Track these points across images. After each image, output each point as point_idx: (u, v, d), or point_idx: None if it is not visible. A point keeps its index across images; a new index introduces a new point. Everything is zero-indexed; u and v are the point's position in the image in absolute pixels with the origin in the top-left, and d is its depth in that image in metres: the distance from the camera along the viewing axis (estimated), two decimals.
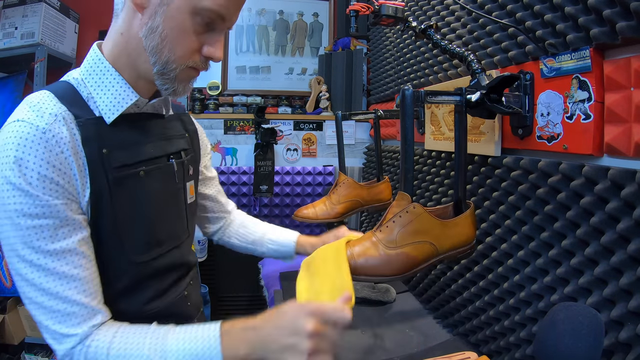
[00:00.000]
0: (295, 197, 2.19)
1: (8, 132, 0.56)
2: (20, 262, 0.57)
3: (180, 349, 0.57)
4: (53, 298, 0.57)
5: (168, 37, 0.59)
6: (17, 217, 0.55)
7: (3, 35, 1.93)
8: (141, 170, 0.67)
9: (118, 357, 0.57)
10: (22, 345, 2.07)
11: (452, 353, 0.93)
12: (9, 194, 0.55)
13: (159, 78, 0.62)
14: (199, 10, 0.58)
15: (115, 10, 0.65)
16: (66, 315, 0.58)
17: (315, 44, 2.44)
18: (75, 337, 0.58)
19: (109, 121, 0.63)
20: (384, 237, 0.75)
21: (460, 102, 0.81)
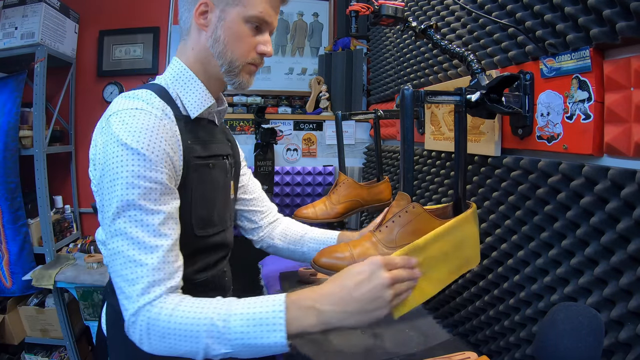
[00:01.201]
0: (295, 197, 2.19)
1: (129, 117, 0.67)
2: (125, 218, 0.64)
3: (244, 313, 0.61)
4: (149, 252, 0.64)
5: (229, 43, 0.76)
6: (134, 178, 0.64)
7: (3, 35, 1.93)
8: (210, 163, 0.81)
9: (182, 317, 0.62)
10: (22, 345, 2.07)
11: (452, 353, 0.93)
12: (130, 158, 0.64)
13: (227, 75, 0.78)
14: (249, 18, 0.75)
15: (182, 34, 0.81)
16: (152, 270, 0.64)
17: (315, 44, 2.45)
18: (150, 295, 0.63)
19: (193, 117, 0.78)
20: (383, 237, 0.75)
21: (460, 102, 0.81)
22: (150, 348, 0.64)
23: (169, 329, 0.62)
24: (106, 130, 0.67)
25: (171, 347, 0.62)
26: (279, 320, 0.60)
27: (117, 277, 0.65)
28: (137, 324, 0.63)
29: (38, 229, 2.01)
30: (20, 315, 2.03)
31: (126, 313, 0.64)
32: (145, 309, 0.63)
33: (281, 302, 0.61)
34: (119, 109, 0.68)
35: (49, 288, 1.84)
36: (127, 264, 0.63)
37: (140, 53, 2.34)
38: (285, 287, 1.38)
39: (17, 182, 1.95)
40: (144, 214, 0.64)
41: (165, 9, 2.35)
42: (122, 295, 0.65)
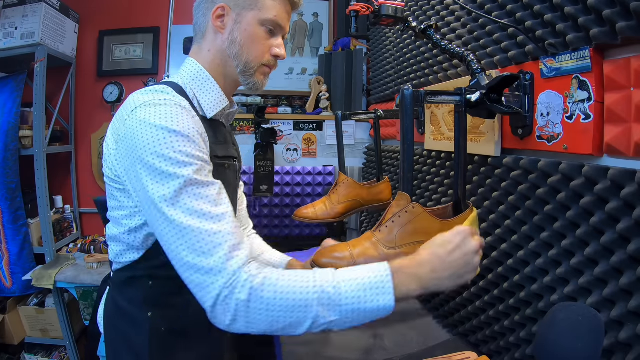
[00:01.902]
0: (295, 197, 2.19)
1: (159, 106, 0.67)
2: (185, 195, 0.63)
3: (352, 279, 0.62)
4: (218, 220, 0.63)
5: (245, 45, 0.79)
6: (185, 156, 0.65)
7: (3, 35, 1.93)
8: (226, 163, 0.83)
9: (290, 285, 0.61)
10: (22, 345, 2.07)
11: (452, 353, 0.93)
12: (175, 139, 0.65)
13: (242, 75, 0.81)
14: (264, 21, 0.79)
15: (196, 37, 0.84)
16: (229, 235, 0.63)
17: (315, 44, 2.44)
18: (237, 260, 0.62)
19: (209, 117, 0.80)
20: (383, 237, 0.75)
21: (460, 102, 0.81)
22: (248, 323, 0.61)
23: (276, 299, 0.60)
24: (133, 122, 0.66)
25: (274, 320, 0.60)
26: (387, 284, 0.61)
27: (191, 256, 0.61)
28: (234, 296, 0.60)
29: (38, 229, 2.01)
30: (20, 315, 2.03)
31: (213, 288, 0.60)
32: (243, 278, 0.60)
33: (387, 268, 0.63)
34: (144, 101, 0.68)
35: (49, 288, 1.84)
36: (200, 237, 0.61)
37: (140, 53, 2.34)
38: None
39: (17, 182, 1.95)
40: (202, 188, 0.65)
41: (165, 9, 2.35)
42: (200, 273, 0.61)
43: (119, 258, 0.78)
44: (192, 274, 0.62)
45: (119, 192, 0.74)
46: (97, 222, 2.38)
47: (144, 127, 0.65)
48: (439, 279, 0.64)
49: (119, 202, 0.74)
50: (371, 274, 0.62)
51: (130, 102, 0.70)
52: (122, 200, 0.74)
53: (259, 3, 0.78)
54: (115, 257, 0.78)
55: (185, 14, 2.34)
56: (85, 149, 2.36)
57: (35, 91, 1.93)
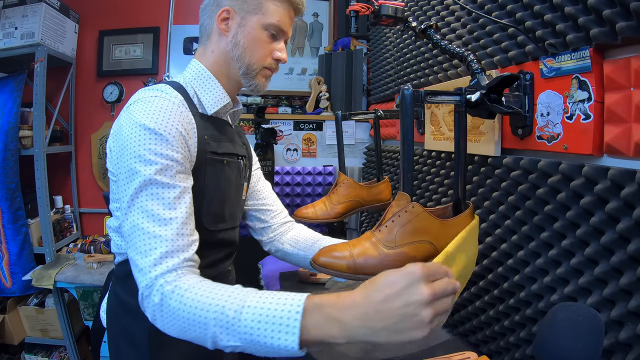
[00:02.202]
0: (295, 197, 2.19)
1: (147, 102, 0.71)
2: (143, 194, 0.67)
3: (257, 307, 0.57)
4: (163, 225, 0.66)
5: (248, 47, 0.82)
6: (152, 155, 0.68)
7: (3, 35, 1.93)
8: (225, 160, 0.85)
9: (193, 299, 0.60)
10: (22, 345, 2.07)
11: (452, 353, 0.93)
12: (147, 137, 0.68)
13: (244, 77, 0.84)
14: (267, 25, 0.82)
15: (201, 39, 0.87)
16: (166, 242, 0.65)
17: (315, 44, 2.45)
18: (162, 266, 0.64)
19: (209, 113, 0.83)
20: (383, 237, 0.75)
21: (460, 102, 0.81)
22: (162, 326, 0.63)
23: (179, 309, 0.60)
24: (124, 118, 0.71)
25: (181, 330, 0.61)
26: (293, 322, 0.54)
27: (133, 252, 0.66)
28: (151, 298, 0.63)
29: (38, 229, 2.01)
30: (20, 315, 2.03)
31: (140, 286, 0.65)
32: (159, 284, 0.63)
33: (300, 302, 0.55)
34: (138, 98, 0.73)
35: (49, 288, 1.84)
36: (143, 237, 0.65)
37: (140, 53, 2.34)
38: (286, 287, 1.38)
39: (17, 182, 1.95)
40: (161, 188, 0.67)
41: (165, 9, 2.35)
42: (136, 269, 0.66)
43: (120, 249, 0.81)
44: (133, 268, 0.67)
45: (115, 184, 0.77)
46: (97, 222, 2.38)
47: (128, 123, 0.70)
48: (370, 329, 0.52)
49: (116, 194, 0.77)
50: (279, 307, 0.55)
51: (132, 97, 0.75)
52: (117, 193, 0.75)
53: (263, 7, 0.81)
54: (117, 248, 0.82)
55: (185, 14, 2.35)
56: (85, 149, 2.36)
57: (35, 91, 1.93)
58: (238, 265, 1.33)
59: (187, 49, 2.34)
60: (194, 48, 2.33)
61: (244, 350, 0.58)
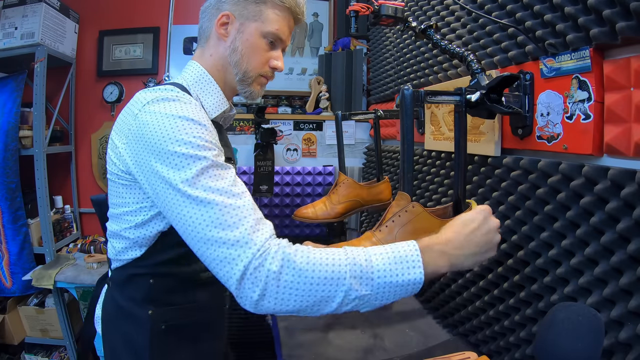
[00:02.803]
0: (295, 197, 2.19)
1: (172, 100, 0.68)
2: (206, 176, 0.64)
3: (383, 253, 0.62)
4: (239, 197, 0.63)
5: (245, 54, 0.82)
6: (205, 142, 0.66)
7: (3, 35, 1.93)
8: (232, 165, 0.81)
9: (322, 257, 0.60)
10: (22, 345, 2.07)
11: (452, 353, 0.93)
12: (195, 127, 0.66)
13: (240, 84, 0.84)
14: (265, 33, 0.82)
15: (200, 41, 0.86)
16: (253, 209, 0.64)
17: (315, 44, 2.45)
18: (263, 232, 0.62)
19: (211, 118, 0.80)
20: (383, 237, 0.75)
21: (460, 102, 0.81)
22: (274, 300, 0.59)
23: (309, 270, 0.59)
24: (146, 116, 0.67)
25: (305, 294, 0.59)
26: (417, 258, 0.62)
27: (213, 230, 0.60)
28: (264, 268, 0.58)
29: (38, 229, 2.01)
30: (20, 315, 2.03)
31: (239, 262, 0.59)
32: (273, 249, 0.60)
33: (415, 244, 0.64)
34: (153, 98, 0.69)
35: (49, 288, 1.84)
36: (224, 210, 0.61)
37: (140, 53, 2.34)
38: None
39: (17, 182, 1.95)
40: (221, 170, 0.66)
41: (165, 9, 2.35)
42: (223, 247, 0.60)
43: (120, 255, 0.78)
44: (217, 248, 0.60)
45: (124, 187, 0.73)
46: (97, 222, 2.37)
47: (161, 118, 0.66)
48: (464, 256, 0.66)
49: (123, 198, 0.74)
50: (401, 249, 0.63)
51: (139, 98, 0.71)
52: (126, 196, 0.74)
53: (263, 15, 0.81)
54: (116, 254, 0.79)
55: (185, 14, 2.35)
56: (85, 149, 2.36)
57: (35, 91, 1.93)
58: None
59: (187, 49, 2.34)
60: (193, 48, 2.32)
61: (367, 302, 0.61)
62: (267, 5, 0.81)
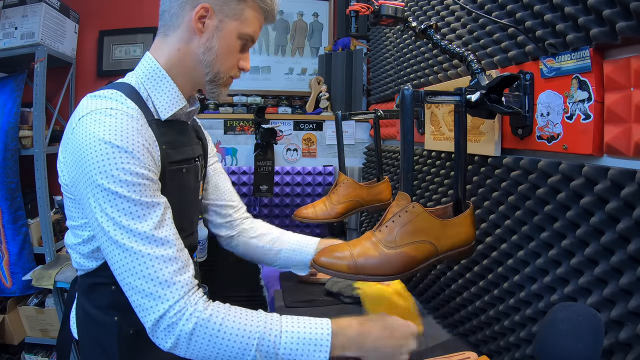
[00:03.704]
0: (295, 197, 2.19)
1: (105, 116, 0.65)
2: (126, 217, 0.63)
3: (294, 332, 0.67)
4: (160, 245, 0.64)
5: (220, 55, 0.77)
6: (127, 175, 0.63)
7: (3, 35, 1.93)
8: (184, 168, 0.81)
9: (235, 324, 0.65)
10: (22, 345, 2.07)
11: (452, 353, 0.93)
12: (119, 156, 0.63)
13: (209, 84, 0.79)
14: (242, 35, 0.78)
15: (164, 29, 0.78)
16: (170, 260, 0.64)
17: (315, 44, 2.45)
18: (183, 283, 0.64)
19: (163, 119, 0.76)
20: (383, 237, 0.75)
21: (460, 102, 0.81)
22: (186, 351, 0.64)
23: (219, 337, 0.63)
24: (79, 132, 0.64)
25: (216, 354, 0.64)
26: (325, 342, 0.66)
27: (130, 277, 0.63)
28: (177, 327, 0.62)
29: (38, 229, 2.01)
30: (20, 315, 2.03)
31: (154, 315, 0.63)
32: (189, 312, 0.63)
33: (328, 326, 0.68)
34: (91, 109, 0.66)
35: (49, 288, 1.84)
36: (142, 260, 0.63)
37: (140, 53, 2.34)
38: (286, 286, 1.38)
39: (17, 182, 1.95)
40: (146, 209, 0.65)
41: None
42: (139, 296, 0.63)
43: (80, 265, 0.77)
44: (134, 294, 0.64)
45: (70, 201, 0.73)
46: None
47: (90, 140, 0.63)
48: (376, 352, 0.71)
49: (70, 212, 0.74)
50: (313, 330, 0.67)
51: (80, 107, 0.69)
52: (72, 210, 0.73)
53: (244, 15, 0.77)
54: (76, 264, 0.78)
55: None
56: None
57: (35, 91, 1.93)
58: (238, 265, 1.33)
59: None
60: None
61: None
62: (247, 4, 0.77)
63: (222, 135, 2.15)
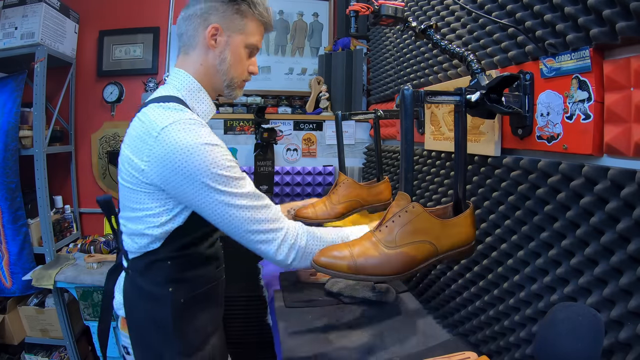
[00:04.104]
0: (295, 197, 2.19)
1: (190, 125, 0.80)
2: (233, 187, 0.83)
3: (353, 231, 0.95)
4: (261, 199, 0.86)
5: (232, 64, 0.93)
6: (227, 161, 0.82)
7: (3, 35, 1.93)
8: None
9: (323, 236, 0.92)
10: (22, 345, 2.07)
11: (452, 353, 0.93)
12: (217, 150, 0.81)
13: (227, 88, 0.96)
14: (248, 44, 0.95)
15: (184, 47, 0.94)
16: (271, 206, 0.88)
17: (315, 44, 2.45)
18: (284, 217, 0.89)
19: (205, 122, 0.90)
20: (383, 237, 0.75)
21: (460, 102, 0.81)
22: (299, 262, 0.88)
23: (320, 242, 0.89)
24: (169, 139, 0.79)
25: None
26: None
27: (255, 224, 0.84)
28: (297, 244, 0.87)
29: (38, 229, 2.01)
30: (20, 315, 2.03)
31: (277, 241, 0.85)
32: (300, 233, 0.88)
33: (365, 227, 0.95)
34: (173, 120, 0.80)
35: (49, 288, 1.84)
36: (261, 210, 0.85)
37: (140, 53, 2.34)
38: (285, 287, 1.38)
39: (17, 182, 1.95)
40: (243, 180, 0.85)
41: (165, 9, 2.35)
42: (264, 234, 0.85)
43: (142, 249, 0.89)
44: (255, 236, 0.85)
45: (146, 195, 0.84)
46: (97, 222, 2.38)
47: (189, 146, 0.78)
48: None
49: (144, 204, 0.85)
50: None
51: (156, 117, 0.81)
52: (148, 202, 0.85)
53: (247, 28, 0.93)
54: (138, 249, 0.89)
55: None
56: (85, 149, 2.36)
57: (35, 91, 1.93)
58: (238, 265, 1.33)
59: None
60: None
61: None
62: (249, 19, 0.92)
63: (222, 135, 2.15)
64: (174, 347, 0.90)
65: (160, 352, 0.91)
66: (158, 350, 0.91)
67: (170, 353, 0.90)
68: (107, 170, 2.34)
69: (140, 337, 0.93)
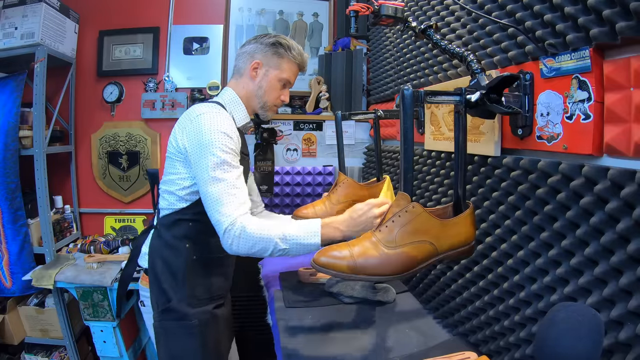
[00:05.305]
0: (295, 197, 2.19)
1: (216, 114, 1.08)
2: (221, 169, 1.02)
3: (297, 226, 1.01)
4: (234, 188, 1.02)
5: (267, 92, 1.21)
6: (227, 148, 1.04)
7: (3, 35, 1.93)
8: (246, 157, 1.22)
9: (263, 227, 0.99)
10: (22, 345, 2.07)
11: (452, 353, 0.93)
12: (225, 137, 1.05)
13: (261, 109, 1.24)
14: (281, 79, 1.21)
15: (235, 74, 1.24)
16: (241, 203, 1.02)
17: (315, 44, 2.44)
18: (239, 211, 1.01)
19: (237, 126, 1.18)
20: (383, 237, 0.75)
21: (460, 102, 0.81)
22: (237, 248, 0.99)
23: (253, 235, 0.98)
24: (201, 123, 1.05)
25: (252, 246, 0.98)
26: (317, 231, 1.00)
27: (215, 203, 1.00)
28: (232, 231, 0.98)
29: (38, 229, 2.01)
30: (20, 315, 2.02)
31: (223, 225, 0.99)
32: (239, 222, 0.98)
33: (319, 222, 1.01)
34: (206, 111, 1.08)
35: (49, 288, 1.84)
36: (223, 193, 1.01)
37: (140, 53, 2.34)
38: (285, 286, 1.38)
39: (17, 182, 1.95)
40: (231, 168, 1.04)
41: (165, 9, 2.34)
42: (217, 214, 1.00)
43: (171, 206, 1.14)
44: (215, 215, 1.01)
45: (179, 162, 1.11)
46: (97, 222, 2.38)
47: (211, 129, 1.04)
48: (352, 232, 1.00)
49: (177, 169, 1.11)
50: (309, 224, 1.01)
51: (196, 108, 1.11)
52: (180, 168, 1.11)
53: (282, 66, 1.19)
54: (168, 205, 1.14)
55: (185, 14, 2.34)
56: (85, 149, 2.36)
57: (35, 91, 1.92)
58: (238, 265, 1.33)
59: (187, 49, 2.34)
60: (193, 48, 2.32)
61: (289, 252, 1.00)
62: (284, 59, 1.19)
63: None
64: (181, 294, 1.13)
65: (170, 297, 1.13)
66: (169, 295, 1.13)
67: (178, 299, 1.13)
68: (107, 170, 2.33)
69: (157, 282, 1.14)
